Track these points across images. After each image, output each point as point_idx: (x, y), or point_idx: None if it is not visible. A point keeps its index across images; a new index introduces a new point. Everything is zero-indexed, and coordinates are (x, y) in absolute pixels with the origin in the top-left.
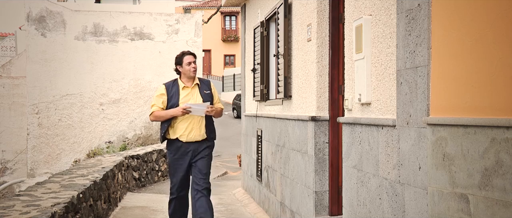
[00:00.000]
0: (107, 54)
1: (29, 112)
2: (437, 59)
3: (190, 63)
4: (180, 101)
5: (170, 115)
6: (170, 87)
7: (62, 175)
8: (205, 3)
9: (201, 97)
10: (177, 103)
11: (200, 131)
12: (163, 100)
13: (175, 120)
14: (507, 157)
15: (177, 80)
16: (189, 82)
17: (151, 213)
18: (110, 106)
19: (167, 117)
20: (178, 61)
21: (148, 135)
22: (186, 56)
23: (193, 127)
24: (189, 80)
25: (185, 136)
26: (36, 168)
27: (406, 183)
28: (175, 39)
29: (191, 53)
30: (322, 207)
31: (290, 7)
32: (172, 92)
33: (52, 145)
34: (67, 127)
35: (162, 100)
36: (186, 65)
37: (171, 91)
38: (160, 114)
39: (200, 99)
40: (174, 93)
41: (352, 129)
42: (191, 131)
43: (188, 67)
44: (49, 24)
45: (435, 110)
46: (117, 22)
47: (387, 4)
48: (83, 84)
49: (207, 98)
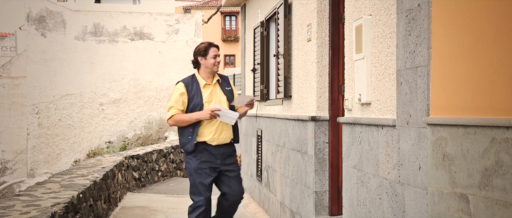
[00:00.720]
0: (107, 54)
1: (29, 112)
2: (437, 59)
3: (216, 56)
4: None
5: (195, 118)
6: (190, 84)
7: (62, 175)
8: (205, 3)
9: (224, 96)
10: (200, 103)
11: (229, 132)
12: (183, 101)
13: (201, 122)
14: (507, 157)
15: (195, 77)
16: (210, 78)
17: (151, 213)
18: (110, 106)
19: (191, 121)
20: (202, 52)
21: (148, 135)
22: (213, 47)
23: (223, 128)
24: (209, 76)
25: (216, 139)
26: (36, 168)
27: (406, 183)
28: (175, 39)
29: (217, 46)
30: (322, 207)
31: (290, 7)
32: (193, 91)
33: (52, 145)
34: (67, 127)
35: (183, 101)
36: (212, 58)
37: (192, 90)
38: (183, 118)
39: (224, 99)
40: (195, 92)
41: (352, 129)
42: (221, 133)
43: (213, 61)
44: (49, 24)
45: (435, 110)
46: (117, 22)
47: (387, 4)
48: (83, 84)
49: (230, 96)
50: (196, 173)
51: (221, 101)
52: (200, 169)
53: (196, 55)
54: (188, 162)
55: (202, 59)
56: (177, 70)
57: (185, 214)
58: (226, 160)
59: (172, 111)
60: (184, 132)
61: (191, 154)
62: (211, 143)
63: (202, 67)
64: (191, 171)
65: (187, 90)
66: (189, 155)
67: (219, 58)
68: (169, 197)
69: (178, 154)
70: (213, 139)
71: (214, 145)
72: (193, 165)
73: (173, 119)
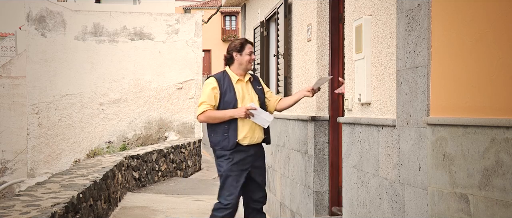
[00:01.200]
0: (107, 54)
1: (29, 112)
2: (437, 59)
3: (251, 53)
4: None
5: (228, 116)
6: (221, 79)
7: (62, 175)
8: (205, 3)
9: (256, 95)
10: (234, 99)
11: (261, 131)
12: (215, 96)
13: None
14: (507, 157)
15: (226, 72)
16: (242, 76)
17: (151, 213)
18: (110, 106)
19: (225, 119)
20: (238, 47)
21: (148, 135)
22: (249, 44)
23: (255, 127)
24: (242, 73)
25: (249, 138)
26: (36, 168)
27: (406, 183)
28: (175, 39)
29: (252, 43)
30: (322, 207)
31: (290, 7)
32: (225, 86)
33: (52, 145)
34: (67, 127)
35: (215, 96)
36: (247, 55)
37: (224, 85)
38: (216, 114)
39: (256, 98)
40: (227, 88)
41: (352, 129)
42: (254, 131)
43: (249, 58)
44: (49, 24)
45: (435, 110)
46: (117, 22)
47: (387, 4)
48: (83, 84)
49: (261, 95)
50: (229, 174)
51: (253, 100)
52: (232, 171)
53: (232, 50)
54: (220, 163)
55: (237, 55)
56: (177, 70)
57: (185, 214)
58: (255, 162)
59: (203, 106)
60: (218, 128)
61: (225, 154)
62: (242, 143)
63: (236, 63)
64: (223, 172)
65: (219, 84)
66: (222, 155)
67: (254, 55)
68: (169, 197)
69: (178, 154)
70: (246, 138)
71: (245, 145)
72: (226, 166)
73: (205, 115)
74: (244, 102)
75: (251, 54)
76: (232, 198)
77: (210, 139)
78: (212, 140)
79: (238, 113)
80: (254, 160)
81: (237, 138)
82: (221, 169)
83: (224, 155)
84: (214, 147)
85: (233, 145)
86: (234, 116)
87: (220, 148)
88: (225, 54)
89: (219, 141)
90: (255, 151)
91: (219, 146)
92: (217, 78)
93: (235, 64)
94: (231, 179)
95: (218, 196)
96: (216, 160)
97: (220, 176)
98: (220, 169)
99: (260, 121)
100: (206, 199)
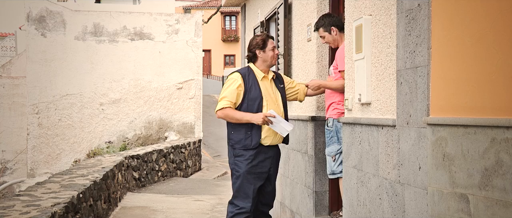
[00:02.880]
0: (107, 54)
1: (29, 112)
2: (437, 59)
3: (274, 48)
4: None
5: (246, 119)
6: (247, 76)
7: (62, 175)
8: (205, 3)
9: (279, 94)
10: (259, 97)
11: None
12: (239, 94)
13: None
14: (507, 157)
15: (251, 69)
16: (266, 72)
17: (151, 213)
18: (110, 106)
19: (241, 122)
20: (260, 45)
21: (148, 135)
22: (271, 39)
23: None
24: (266, 70)
25: (270, 139)
26: (36, 168)
27: (406, 183)
28: (175, 39)
29: (273, 37)
30: (322, 207)
31: (290, 7)
32: (250, 82)
33: (52, 145)
34: (67, 127)
35: (238, 93)
36: (270, 51)
37: (249, 82)
38: (234, 115)
39: (279, 96)
40: (252, 85)
41: (352, 129)
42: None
43: (272, 53)
44: (49, 24)
45: (435, 109)
46: (117, 22)
47: (387, 4)
48: (83, 84)
49: (283, 94)
50: (247, 176)
51: (277, 100)
52: (251, 173)
53: (254, 48)
54: (238, 163)
55: (260, 52)
56: (177, 70)
57: (185, 214)
58: (273, 165)
59: (224, 102)
60: (241, 127)
61: (245, 153)
62: (263, 143)
63: (260, 60)
64: (241, 173)
65: (244, 81)
66: (241, 155)
67: (277, 50)
68: (169, 197)
69: (178, 154)
70: (268, 138)
71: (266, 146)
72: (245, 167)
73: (224, 112)
74: (269, 100)
75: (274, 49)
76: (249, 201)
77: (230, 136)
78: (233, 137)
79: (256, 119)
80: (273, 162)
81: (260, 137)
82: (238, 169)
83: (243, 155)
84: (234, 145)
85: (256, 144)
86: (251, 121)
87: (241, 147)
88: (248, 53)
89: (241, 140)
90: (274, 153)
91: (240, 144)
92: (243, 74)
93: (259, 61)
94: (248, 182)
95: (234, 197)
96: (233, 159)
97: (236, 176)
98: (237, 169)
99: (279, 129)
100: (206, 199)
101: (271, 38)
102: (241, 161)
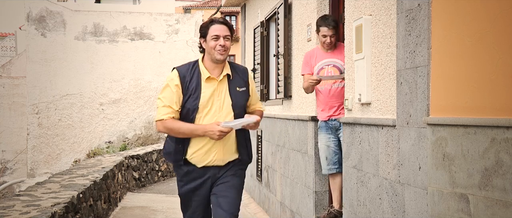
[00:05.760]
0: (107, 54)
1: (29, 112)
2: (437, 59)
3: (218, 38)
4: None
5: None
6: (188, 74)
7: (62, 175)
8: (205, 3)
9: (229, 99)
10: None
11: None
12: (179, 96)
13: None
14: (507, 157)
15: (197, 64)
16: (216, 70)
17: (151, 213)
18: (110, 106)
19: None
20: (202, 32)
21: (148, 135)
22: (215, 25)
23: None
24: (215, 67)
25: (199, 157)
26: (36, 168)
27: (406, 183)
28: (175, 39)
29: (225, 23)
30: (322, 207)
31: (290, 7)
32: (192, 84)
33: (52, 145)
34: (67, 127)
35: (178, 96)
36: (212, 40)
37: (190, 82)
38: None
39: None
40: (194, 87)
41: (352, 129)
42: (209, 150)
43: (214, 44)
44: (49, 24)
45: (435, 109)
46: (117, 22)
47: (387, 4)
48: (83, 84)
49: (239, 100)
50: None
51: (223, 106)
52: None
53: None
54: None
55: (203, 43)
56: None
57: None
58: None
59: (164, 110)
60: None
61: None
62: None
63: (206, 54)
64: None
65: (181, 81)
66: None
67: (224, 41)
68: (169, 197)
69: None
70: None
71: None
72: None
73: (165, 126)
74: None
75: (219, 39)
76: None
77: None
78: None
79: (210, 134)
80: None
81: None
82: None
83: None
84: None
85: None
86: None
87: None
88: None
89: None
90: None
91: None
92: (181, 72)
93: (205, 55)
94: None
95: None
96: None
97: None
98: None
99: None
100: None
101: (219, 23)
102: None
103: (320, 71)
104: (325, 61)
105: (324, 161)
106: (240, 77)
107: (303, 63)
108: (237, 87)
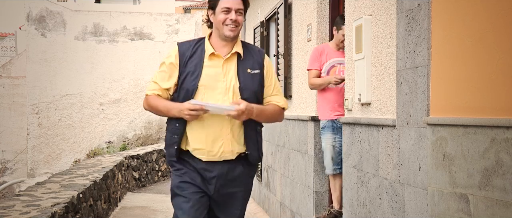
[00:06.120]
0: (107, 54)
1: (29, 112)
2: (437, 59)
3: (229, 11)
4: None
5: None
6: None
7: (62, 175)
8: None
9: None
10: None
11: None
12: (171, 75)
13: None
14: (507, 157)
15: (203, 41)
16: (225, 48)
17: (151, 213)
18: (110, 106)
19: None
20: (211, 2)
21: (148, 135)
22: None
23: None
24: (224, 44)
25: (206, 151)
26: (36, 168)
27: (406, 183)
28: (175, 39)
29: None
30: (322, 207)
31: (290, 7)
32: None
33: (52, 145)
34: (67, 127)
35: (170, 75)
36: (222, 13)
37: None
38: (158, 106)
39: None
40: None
41: (352, 129)
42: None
43: (223, 18)
44: (49, 24)
45: (435, 109)
46: (117, 22)
47: (387, 4)
48: (83, 84)
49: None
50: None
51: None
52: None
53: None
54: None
55: (211, 15)
56: None
57: None
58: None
59: (151, 87)
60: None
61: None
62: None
63: (214, 29)
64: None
65: (180, 58)
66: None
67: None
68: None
69: None
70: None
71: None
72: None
73: (147, 102)
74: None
75: (230, 12)
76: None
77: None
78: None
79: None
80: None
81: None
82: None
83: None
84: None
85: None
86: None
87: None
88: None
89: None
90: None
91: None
92: (182, 48)
93: (214, 31)
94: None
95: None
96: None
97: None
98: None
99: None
100: None
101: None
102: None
103: (331, 69)
104: (337, 59)
105: (330, 161)
106: (253, 58)
107: (311, 58)
108: (249, 69)
